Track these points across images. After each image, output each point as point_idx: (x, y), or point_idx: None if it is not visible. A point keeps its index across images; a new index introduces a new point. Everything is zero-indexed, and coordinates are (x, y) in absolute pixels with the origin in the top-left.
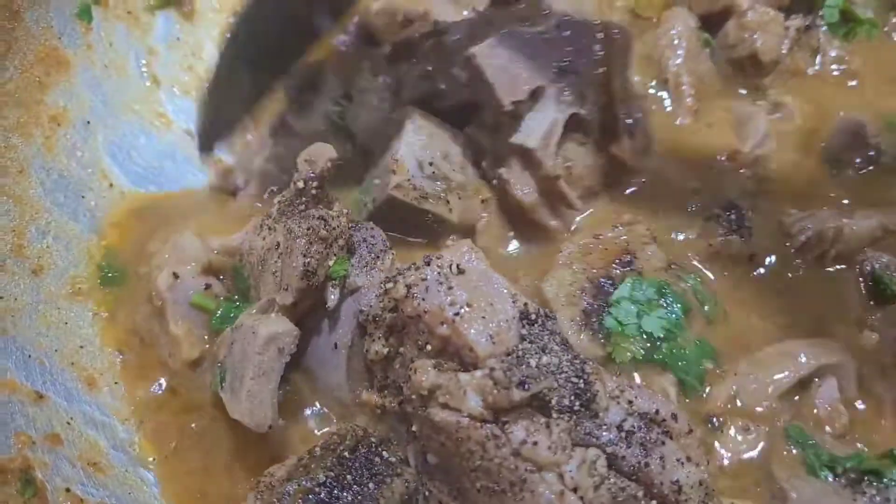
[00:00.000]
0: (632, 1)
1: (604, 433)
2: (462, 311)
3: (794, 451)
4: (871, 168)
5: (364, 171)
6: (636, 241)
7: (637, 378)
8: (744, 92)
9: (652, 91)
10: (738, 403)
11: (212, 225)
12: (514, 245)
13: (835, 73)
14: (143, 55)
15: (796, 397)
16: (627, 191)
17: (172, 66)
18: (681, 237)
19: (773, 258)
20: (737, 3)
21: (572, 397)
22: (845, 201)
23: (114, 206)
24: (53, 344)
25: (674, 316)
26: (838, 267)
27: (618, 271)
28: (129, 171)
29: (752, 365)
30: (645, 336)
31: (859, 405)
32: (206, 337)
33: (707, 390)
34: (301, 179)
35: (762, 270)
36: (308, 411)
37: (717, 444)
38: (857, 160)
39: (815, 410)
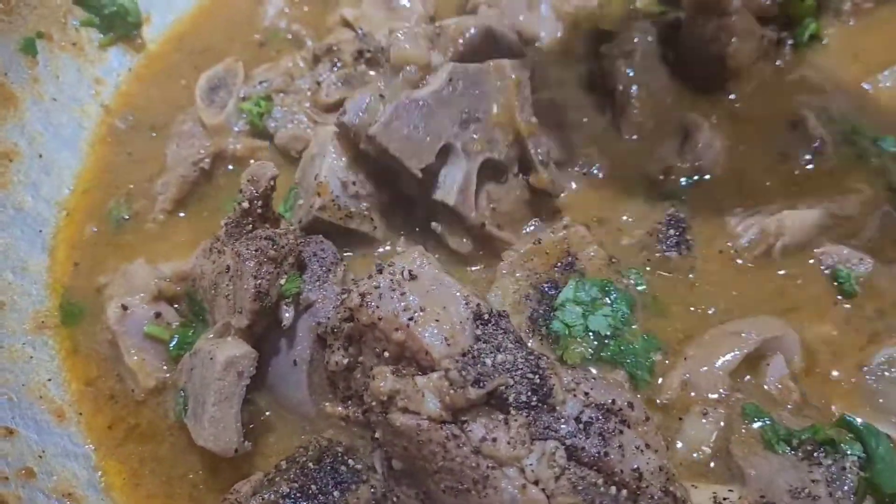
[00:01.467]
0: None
1: (562, 426)
2: (416, 315)
3: (753, 428)
4: (816, 161)
5: None
6: (577, 242)
7: None
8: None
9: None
10: (692, 388)
11: (164, 250)
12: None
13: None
14: (92, 85)
15: (748, 377)
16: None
17: (124, 95)
18: (623, 242)
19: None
20: (727, 2)
21: (529, 393)
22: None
23: (71, 239)
24: (20, 378)
25: (619, 313)
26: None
27: (560, 274)
28: None
29: (699, 348)
30: (592, 335)
31: None
32: (163, 365)
33: (659, 381)
34: (245, 199)
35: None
36: (274, 429)
37: (674, 429)
38: (803, 154)
39: (767, 388)
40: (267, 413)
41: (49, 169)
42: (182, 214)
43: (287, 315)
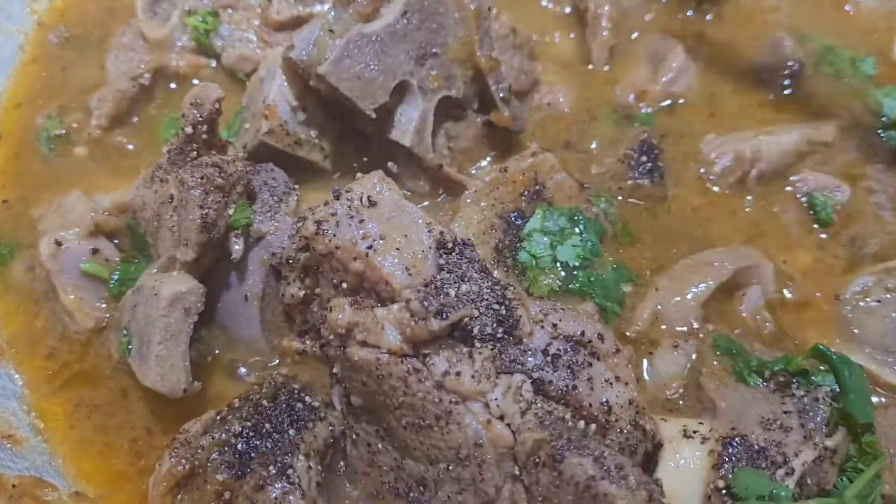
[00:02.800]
0: None
1: (529, 358)
2: (375, 244)
3: (724, 360)
4: (793, 85)
5: None
6: (544, 170)
7: None
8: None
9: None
10: (663, 320)
11: (102, 181)
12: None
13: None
14: (27, 3)
15: (722, 305)
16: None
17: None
18: (593, 169)
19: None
20: None
21: (494, 324)
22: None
23: (2, 165)
24: None
25: (589, 243)
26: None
27: (527, 203)
28: None
29: (671, 279)
30: (560, 266)
31: None
32: (103, 304)
33: (630, 313)
34: (189, 124)
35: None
36: (225, 366)
37: (645, 362)
38: (779, 77)
39: (741, 319)
40: (217, 351)
41: None
42: (119, 135)
43: (237, 247)
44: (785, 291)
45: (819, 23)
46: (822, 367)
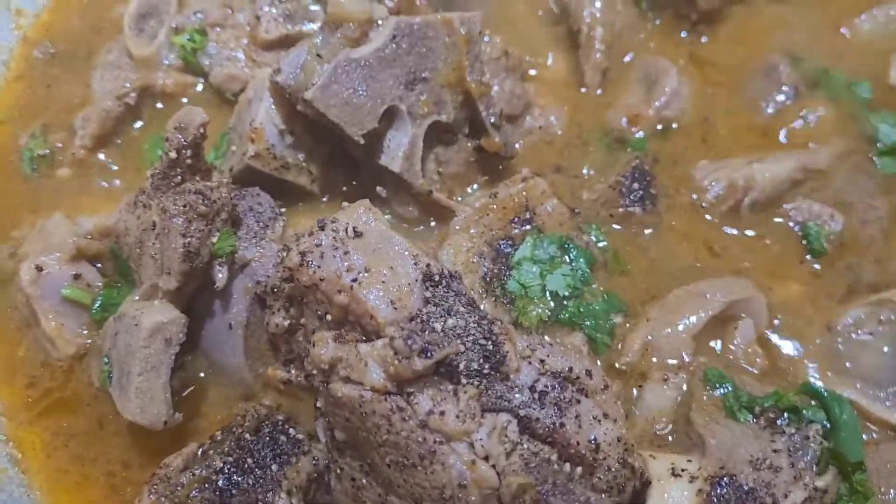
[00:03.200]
0: None
1: (516, 395)
2: (360, 276)
3: (714, 395)
4: (787, 110)
5: None
6: (535, 196)
7: None
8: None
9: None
10: (654, 352)
11: (85, 203)
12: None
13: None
14: (12, 18)
15: (712, 342)
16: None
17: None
18: (584, 196)
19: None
20: None
21: (481, 360)
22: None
23: None
24: None
25: (579, 272)
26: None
27: (518, 230)
28: None
29: (663, 309)
30: (550, 296)
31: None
32: (84, 330)
33: (619, 345)
34: (172, 149)
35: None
36: (209, 397)
37: (634, 395)
38: (774, 102)
39: (732, 352)
40: (201, 375)
41: None
42: (102, 155)
43: (220, 276)
44: (777, 323)
45: (815, 46)
46: (813, 403)
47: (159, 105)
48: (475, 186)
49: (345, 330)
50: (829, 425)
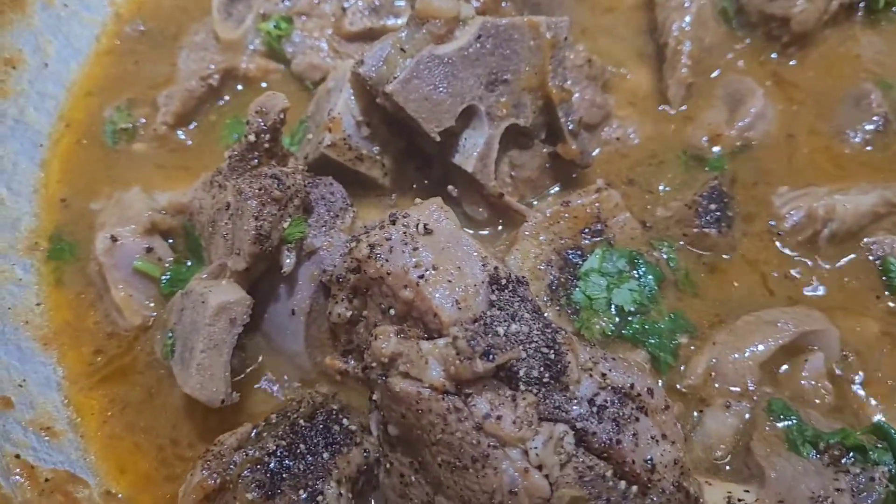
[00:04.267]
0: None
1: (574, 407)
2: (427, 273)
3: (777, 427)
4: (876, 141)
5: None
6: (608, 208)
7: None
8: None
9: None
10: (717, 377)
11: (161, 179)
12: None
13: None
14: None
15: (781, 369)
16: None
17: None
18: (658, 213)
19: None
20: None
21: (542, 368)
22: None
23: (66, 154)
24: (6, 301)
25: (647, 288)
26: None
27: (587, 241)
28: None
29: (731, 334)
30: (615, 310)
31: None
32: (151, 303)
33: (683, 367)
34: (252, 132)
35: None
36: (267, 379)
37: (694, 419)
38: (862, 132)
39: (800, 385)
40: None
41: (55, 79)
42: (181, 134)
43: (288, 261)
44: (850, 359)
45: None
46: (880, 445)
47: (240, 87)
48: (552, 192)
49: (407, 325)
50: None
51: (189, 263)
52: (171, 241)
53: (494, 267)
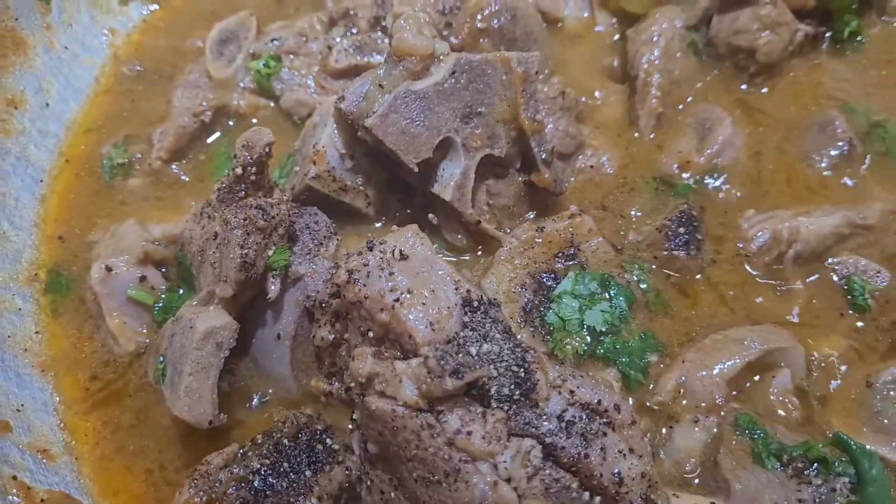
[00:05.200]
0: None
1: (543, 423)
2: (402, 297)
3: (744, 440)
4: (840, 165)
5: None
6: (581, 233)
7: None
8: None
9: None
10: (686, 393)
11: (156, 212)
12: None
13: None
14: (107, 35)
15: (748, 385)
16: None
17: (135, 43)
18: (629, 237)
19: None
20: None
21: (512, 386)
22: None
23: (65, 189)
24: (6, 330)
25: (618, 309)
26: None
27: (561, 265)
28: None
29: (699, 352)
30: (587, 331)
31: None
32: (144, 329)
33: (652, 385)
34: (239, 165)
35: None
36: (255, 401)
37: (663, 434)
38: (828, 157)
39: (767, 400)
40: (247, 384)
41: (55, 118)
42: (175, 168)
43: (273, 288)
44: (815, 376)
45: (871, 99)
46: (843, 458)
47: (231, 123)
48: (529, 218)
49: (384, 347)
50: (857, 480)
51: (181, 291)
52: (164, 270)
53: (467, 290)
